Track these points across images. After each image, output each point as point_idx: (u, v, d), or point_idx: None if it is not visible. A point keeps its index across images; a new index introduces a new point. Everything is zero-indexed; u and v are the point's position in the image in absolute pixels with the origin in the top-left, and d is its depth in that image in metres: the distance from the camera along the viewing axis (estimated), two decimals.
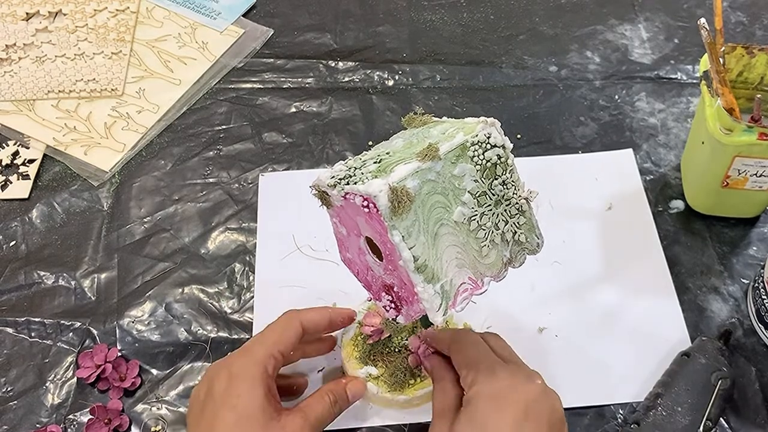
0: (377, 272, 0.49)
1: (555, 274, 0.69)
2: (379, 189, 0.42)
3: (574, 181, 0.76)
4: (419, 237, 0.44)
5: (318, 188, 0.48)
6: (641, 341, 0.65)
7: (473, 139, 0.45)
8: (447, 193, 0.44)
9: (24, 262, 0.72)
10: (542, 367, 0.64)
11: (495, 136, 0.46)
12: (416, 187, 0.43)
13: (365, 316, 0.62)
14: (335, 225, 0.51)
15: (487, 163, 0.45)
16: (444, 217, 0.45)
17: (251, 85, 0.85)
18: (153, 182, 0.78)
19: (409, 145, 0.47)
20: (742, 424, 0.61)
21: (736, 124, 0.62)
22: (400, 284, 0.47)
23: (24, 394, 0.64)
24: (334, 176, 0.46)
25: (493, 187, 0.46)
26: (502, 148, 0.46)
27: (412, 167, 0.43)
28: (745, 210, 0.71)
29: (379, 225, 0.44)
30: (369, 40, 0.89)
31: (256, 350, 0.53)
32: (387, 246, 0.45)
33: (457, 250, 0.46)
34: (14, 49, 0.88)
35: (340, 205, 0.47)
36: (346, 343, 0.62)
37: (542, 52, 0.87)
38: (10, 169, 0.79)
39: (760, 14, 0.90)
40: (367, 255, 0.49)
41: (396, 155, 0.46)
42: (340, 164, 0.47)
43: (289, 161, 0.79)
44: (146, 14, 0.92)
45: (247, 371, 0.52)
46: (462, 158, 0.45)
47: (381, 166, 0.44)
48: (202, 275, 0.71)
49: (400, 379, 0.60)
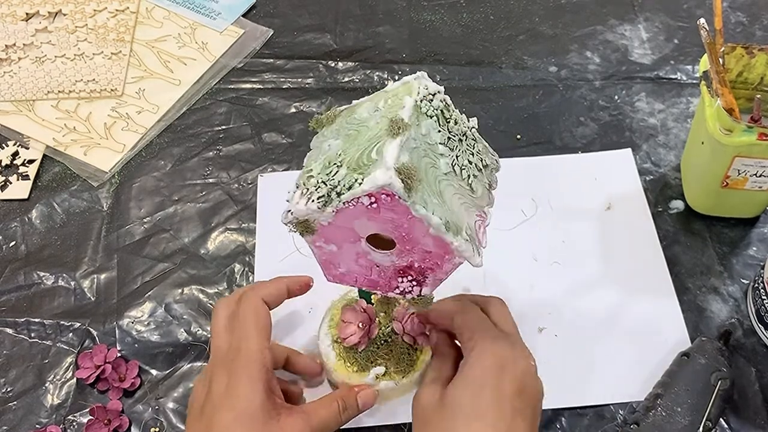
0: (386, 263, 0.50)
1: (555, 274, 0.69)
2: (388, 176, 0.42)
3: (574, 181, 0.76)
4: (432, 200, 0.44)
5: (298, 220, 0.47)
6: (641, 341, 0.65)
7: (419, 97, 0.46)
8: (427, 152, 0.45)
9: (24, 263, 0.72)
10: (542, 367, 0.64)
11: (431, 86, 0.47)
12: (411, 160, 0.44)
13: (340, 330, 0.60)
14: (319, 248, 0.50)
15: (438, 112, 0.47)
16: (438, 174, 0.45)
17: (251, 85, 0.85)
18: (153, 182, 0.78)
19: (350, 138, 0.47)
20: (742, 424, 0.61)
21: (736, 125, 0.62)
22: (422, 257, 0.48)
23: (23, 394, 0.64)
24: (313, 200, 0.45)
25: (451, 129, 0.47)
26: (440, 93, 0.48)
27: (396, 144, 0.43)
28: (745, 210, 0.71)
29: (392, 213, 0.44)
30: (369, 40, 0.89)
31: (249, 346, 0.52)
32: (403, 228, 0.46)
33: (458, 196, 0.47)
34: (14, 49, 0.88)
35: (328, 223, 0.47)
36: (336, 368, 0.61)
37: (542, 53, 0.87)
38: (10, 170, 0.79)
39: (760, 14, 0.90)
40: (371, 254, 0.49)
41: (352, 151, 0.45)
42: (297, 191, 0.47)
43: (288, 161, 0.79)
44: (146, 14, 0.92)
45: (245, 369, 0.51)
46: (420, 117, 0.46)
47: (354, 166, 0.44)
48: (201, 276, 0.71)
49: (407, 360, 0.60)
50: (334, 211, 0.45)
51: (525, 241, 0.71)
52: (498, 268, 0.68)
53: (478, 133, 0.50)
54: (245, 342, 0.52)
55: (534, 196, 0.74)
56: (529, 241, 0.71)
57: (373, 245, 0.49)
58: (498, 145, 0.52)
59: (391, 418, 0.61)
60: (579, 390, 0.63)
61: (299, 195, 0.47)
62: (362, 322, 0.59)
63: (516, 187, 0.70)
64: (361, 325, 0.59)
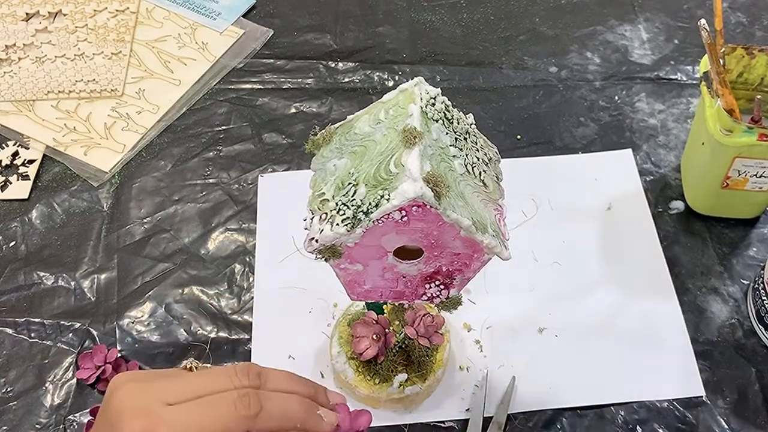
0: (413, 273, 0.49)
1: (555, 274, 0.69)
2: (419, 188, 0.41)
3: (574, 181, 0.76)
4: (458, 203, 0.44)
5: (325, 247, 0.46)
6: (641, 341, 0.65)
7: (423, 103, 0.46)
8: (442, 156, 0.45)
9: (24, 263, 0.72)
10: (542, 367, 0.64)
11: (430, 90, 0.47)
12: (432, 167, 0.43)
13: (354, 346, 0.59)
14: (344, 270, 0.49)
15: (442, 115, 0.47)
16: (456, 176, 0.45)
17: (251, 85, 0.85)
18: (153, 183, 0.77)
19: (357, 155, 0.46)
20: (742, 424, 0.61)
21: (736, 125, 0.62)
22: (450, 261, 0.48)
23: (24, 394, 0.64)
24: (338, 223, 0.44)
25: (456, 130, 0.47)
26: (439, 95, 0.48)
27: (416, 154, 0.43)
28: (745, 211, 0.71)
29: (422, 222, 0.44)
30: (369, 40, 0.89)
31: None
32: (432, 235, 0.46)
33: (476, 194, 0.47)
34: (14, 49, 0.88)
35: (354, 245, 0.46)
36: (357, 383, 0.60)
37: (542, 53, 0.87)
38: (10, 170, 0.79)
39: (760, 15, 0.90)
40: (398, 266, 0.49)
41: (365, 167, 0.45)
42: (315, 218, 0.45)
43: (289, 162, 0.79)
44: (146, 15, 0.92)
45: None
46: (428, 123, 0.45)
47: (373, 182, 0.44)
48: (201, 276, 0.71)
49: (427, 362, 0.60)
50: (363, 231, 0.44)
51: (525, 242, 0.71)
52: (498, 268, 0.68)
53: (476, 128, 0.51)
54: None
55: (534, 196, 0.74)
56: (530, 242, 0.71)
57: (399, 257, 0.48)
58: (498, 145, 0.52)
59: (391, 418, 0.61)
60: (579, 390, 0.63)
61: (318, 221, 0.45)
62: (376, 334, 0.58)
63: (516, 188, 0.69)
64: (375, 336, 0.58)
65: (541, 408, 0.62)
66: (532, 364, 0.64)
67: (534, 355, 0.65)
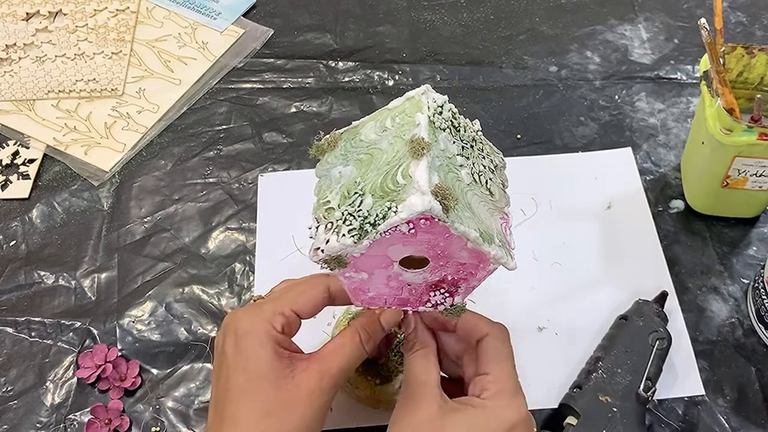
0: (418, 281, 0.49)
1: (555, 274, 0.69)
2: (427, 201, 0.41)
3: (574, 180, 0.76)
4: (465, 214, 0.44)
5: (331, 257, 0.45)
6: None
7: (430, 112, 0.45)
8: (450, 166, 0.45)
9: (24, 262, 0.72)
10: (542, 367, 0.64)
11: (437, 98, 0.47)
12: (440, 178, 0.43)
13: None
14: (349, 279, 0.49)
15: (449, 123, 0.46)
16: (463, 186, 0.45)
17: (251, 85, 0.85)
18: (153, 182, 0.78)
19: (363, 163, 0.45)
20: (742, 424, 0.61)
21: (736, 125, 0.62)
22: (456, 270, 0.48)
23: (24, 393, 0.64)
24: (344, 234, 0.43)
25: (463, 138, 0.47)
26: (446, 103, 0.47)
27: (424, 166, 0.42)
28: (745, 210, 0.72)
29: (429, 234, 0.44)
30: (369, 40, 0.89)
31: (265, 307, 0.51)
32: (439, 246, 0.45)
33: (483, 204, 0.47)
34: (14, 49, 0.88)
35: (360, 255, 0.45)
36: (358, 384, 0.60)
37: (542, 52, 0.87)
38: (10, 169, 0.79)
39: (760, 14, 0.90)
40: (404, 275, 0.48)
41: (371, 177, 0.44)
42: (320, 227, 0.45)
43: (289, 161, 0.79)
44: (146, 14, 0.92)
45: (251, 330, 0.49)
46: (436, 132, 0.45)
47: (380, 193, 0.43)
48: (202, 275, 0.71)
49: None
50: (369, 243, 0.43)
51: (525, 241, 0.70)
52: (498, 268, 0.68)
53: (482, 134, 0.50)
54: (269, 302, 0.51)
55: (534, 195, 0.74)
56: (530, 241, 0.71)
57: (405, 266, 0.48)
58: (498, 144, 0.52)
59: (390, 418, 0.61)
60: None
61: (324, 230, 0.45)
62: None
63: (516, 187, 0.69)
64: None
65: (541, 408, 0.62)
66: (532, 364, 0.64)
67: (534, 354, 0.64)
